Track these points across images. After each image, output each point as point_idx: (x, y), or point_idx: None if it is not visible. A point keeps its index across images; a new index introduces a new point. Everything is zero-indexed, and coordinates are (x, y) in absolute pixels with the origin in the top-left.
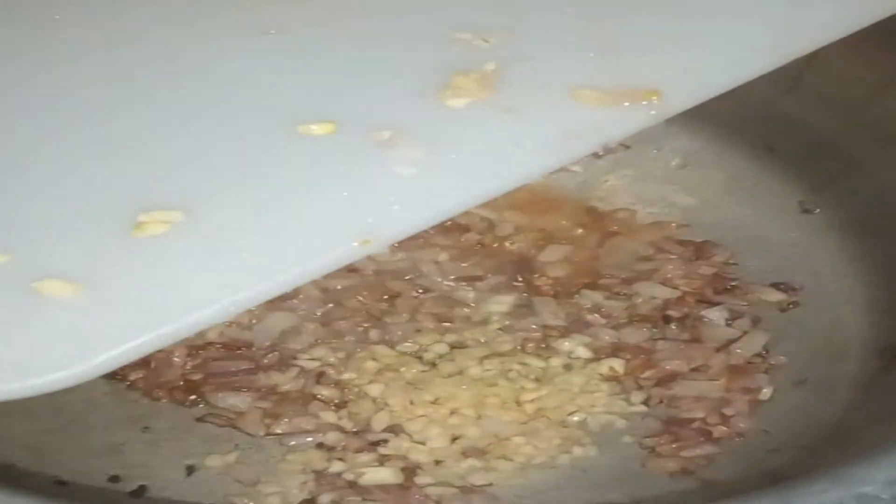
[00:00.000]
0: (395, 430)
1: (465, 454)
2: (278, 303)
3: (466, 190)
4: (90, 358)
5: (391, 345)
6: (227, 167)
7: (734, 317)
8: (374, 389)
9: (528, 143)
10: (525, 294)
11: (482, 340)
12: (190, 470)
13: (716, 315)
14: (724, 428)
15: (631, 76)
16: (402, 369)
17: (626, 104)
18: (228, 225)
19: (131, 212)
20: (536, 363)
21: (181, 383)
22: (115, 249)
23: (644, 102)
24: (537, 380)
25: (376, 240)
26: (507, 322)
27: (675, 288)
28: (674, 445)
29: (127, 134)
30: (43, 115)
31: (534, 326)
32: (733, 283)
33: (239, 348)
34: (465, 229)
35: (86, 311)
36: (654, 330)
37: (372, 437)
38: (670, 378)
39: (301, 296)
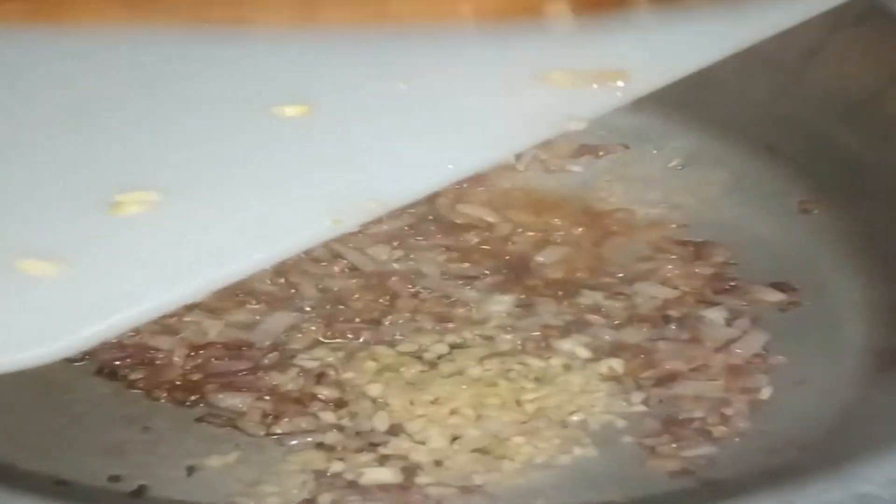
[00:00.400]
0: (395, 430)
1: (465, 454)
2: (279, 303)
3: (439, 170)
4: (72, 333)
5: (391, 345)
6: (202, 149)
7: (734, 317)
8: (374, 389)
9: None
10: (525, 294)
11: (482, 340)
12: (190, 470)
13: (715, 315)
14: (724, 428)
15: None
16: (402, 369)
17: (595, 86)
18: (204, 205)
19: (109, 192)
20: (536, 363)
21: (181, 383)
22: (95, 229)
23: (611, 84)
24: (537, 380)
25: (347, 219)
26: (507, 322)
27: (675, 288)
28: (674, 445)
29: (105, 116)
30: (23, 99)
31: (533, 326)
32: (733, 283)
33: (239, 348)
34: (465, 229)
35: (67, 288)
36: (654, 330)
37: (372, 438)
38: (670, 378)
39: (301, 296)
